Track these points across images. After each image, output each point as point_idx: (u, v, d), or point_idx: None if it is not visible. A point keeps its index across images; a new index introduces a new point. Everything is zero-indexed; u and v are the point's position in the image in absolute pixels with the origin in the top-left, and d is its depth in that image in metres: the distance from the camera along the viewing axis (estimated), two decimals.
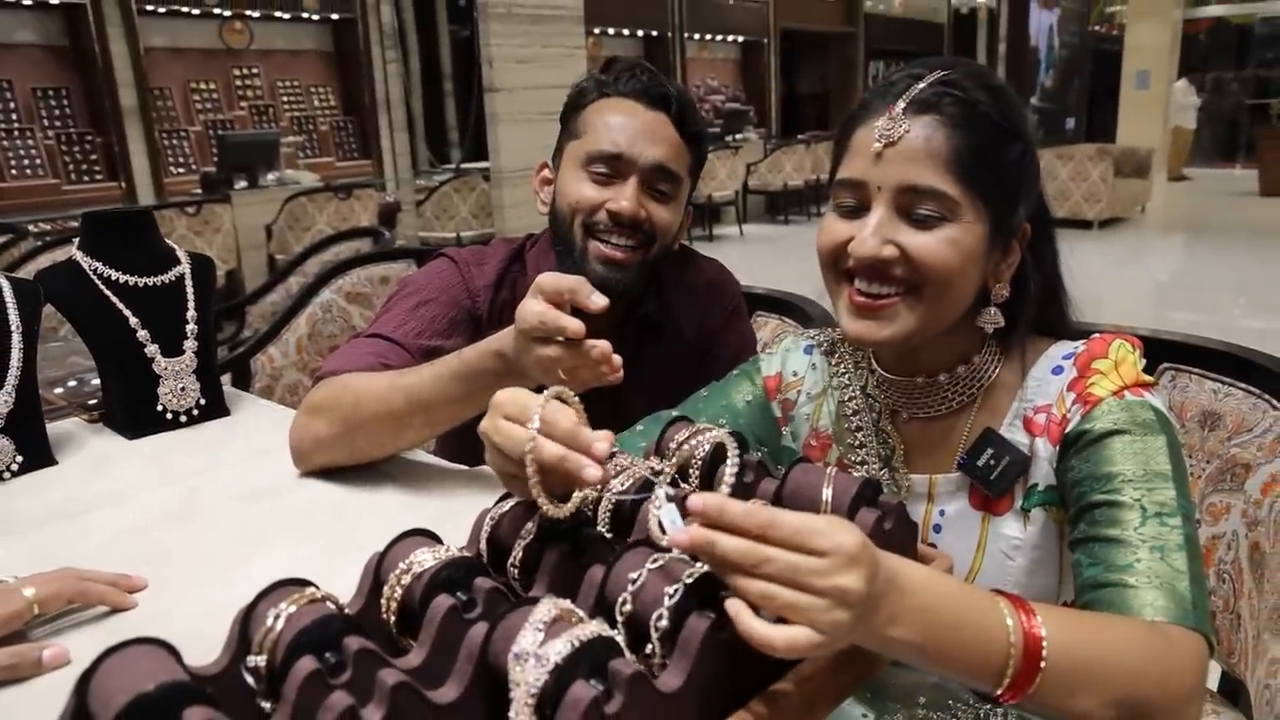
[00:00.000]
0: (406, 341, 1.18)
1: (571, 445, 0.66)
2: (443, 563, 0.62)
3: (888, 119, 0.85)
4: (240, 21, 7.32)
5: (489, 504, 1.05)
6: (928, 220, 0.84)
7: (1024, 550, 0.88)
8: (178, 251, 1.41)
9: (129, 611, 0.85)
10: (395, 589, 0.63)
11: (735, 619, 0.55)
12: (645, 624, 0.58)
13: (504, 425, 0.69)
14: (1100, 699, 0.65)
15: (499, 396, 0.71)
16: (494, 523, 0.71)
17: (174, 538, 1.01)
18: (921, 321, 0.86)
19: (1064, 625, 0.65)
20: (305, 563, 0.93)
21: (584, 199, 1.22)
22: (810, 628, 0.55)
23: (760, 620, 0.55)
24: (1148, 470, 0.79)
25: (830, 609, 0.55)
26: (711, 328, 1.38)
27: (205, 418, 1.37)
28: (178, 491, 1.14)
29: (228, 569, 0.94)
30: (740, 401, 1.05)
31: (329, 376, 1.13)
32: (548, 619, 0.54)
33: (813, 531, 0.56)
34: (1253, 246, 8.02)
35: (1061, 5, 9.34)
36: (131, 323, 1.32)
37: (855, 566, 0.55)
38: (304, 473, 1.15)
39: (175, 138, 6.97)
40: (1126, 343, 0.87)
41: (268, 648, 0.56)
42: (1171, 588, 0.73)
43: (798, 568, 0.55)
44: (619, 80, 1.24)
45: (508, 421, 0.69)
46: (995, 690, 0.64)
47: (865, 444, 0.98)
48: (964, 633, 0.62)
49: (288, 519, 1.05)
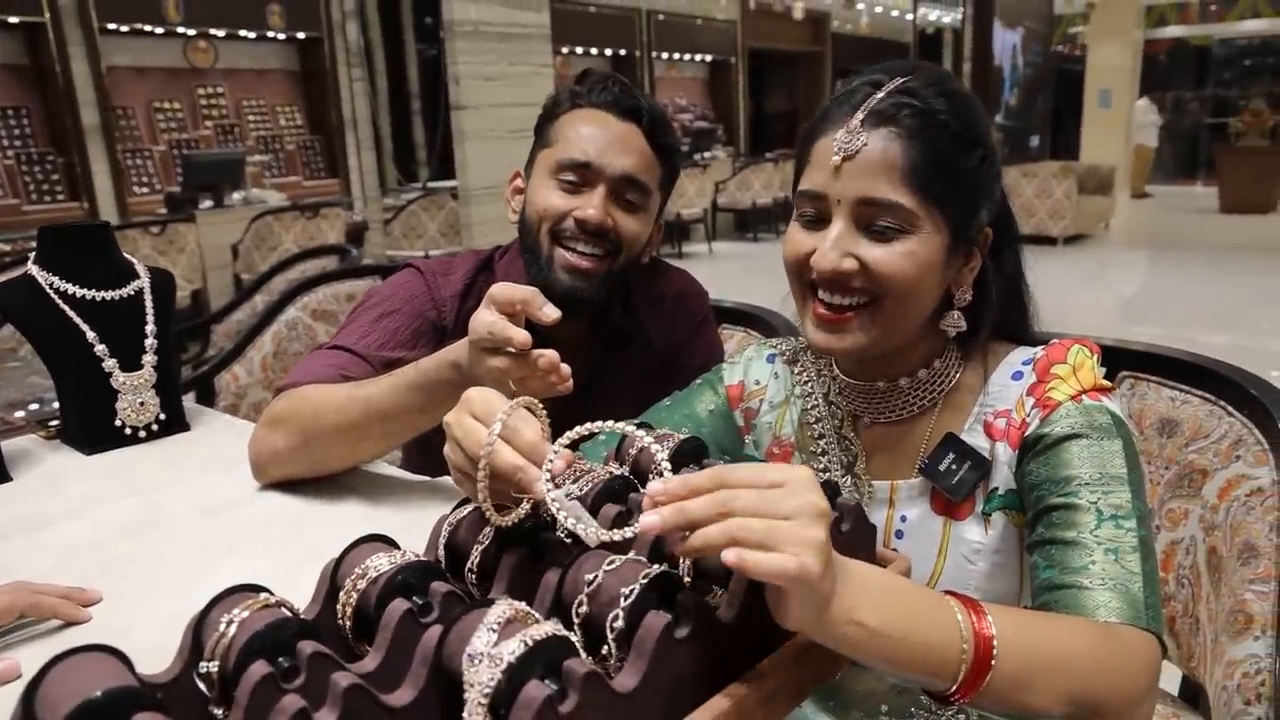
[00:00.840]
0: (368, 353, 1.18)
1: (530, 458, 0.66)
2: (398, 567, 0.62)
3: (846, 132, 0.85)
4: (205, 41, 7.29)
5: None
6: (886, 232, 0.84)
7: (985, 554, 0.89)
8: (137, 265, 1.39)
9: (83, 625, 0.84)
10: (351, 594, 0.62)
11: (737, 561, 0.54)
12: (602, 625, 0.58)
13: (468, 422, 0.70)
14: (1052, 695, 0.66)
15: (470, 392, 0.72)
16: (452, 528, 0.71)
17: (131, 551, 1.00)
18: (883, 332, 0.87)
19: (1015, 624, 0.66)
20: (265, 573, 0.91)
21: (551, 206, 1.23)
22: (792, 554, 0.55)
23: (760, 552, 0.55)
24: (1104, 473, 0.80)
25: (805, 525, 0.56)
26: (680, 338, 1.39)
27: (165, 433, 1.36)
28: (135, 505, 1.12)
29: (186, 581, 0.93)
30: (703, 410, 1.05)
31: (289, 389, 1.12)
32: (502, 620, 0.54)
33: (768, 469, 0.58)
34: (1214, 263, 8.19)
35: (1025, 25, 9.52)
36: (89, 337, 1.31)
37: (814, 488, 0.57)
38: (264, 486, 1.14)
39: (139, 157, 6.90)
40: (1085, 348, 0.89)
41: (220, 653, 0.55)
42: (1125, 589, 0.74)
43: (764, 497, 0.56)
44: (592, 91, 1.25)
45: (472, 419, 0.70)
46: (947, 688, 0.64)
47: (828, 451, 0.99)
48: (918, 631, 0.63)
49: (248, 531, 1.04)
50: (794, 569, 0.54)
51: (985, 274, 0.92)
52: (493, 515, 0.66)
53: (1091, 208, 9.32)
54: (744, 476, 0.57)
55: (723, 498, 0.56)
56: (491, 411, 0.68)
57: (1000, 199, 0.92)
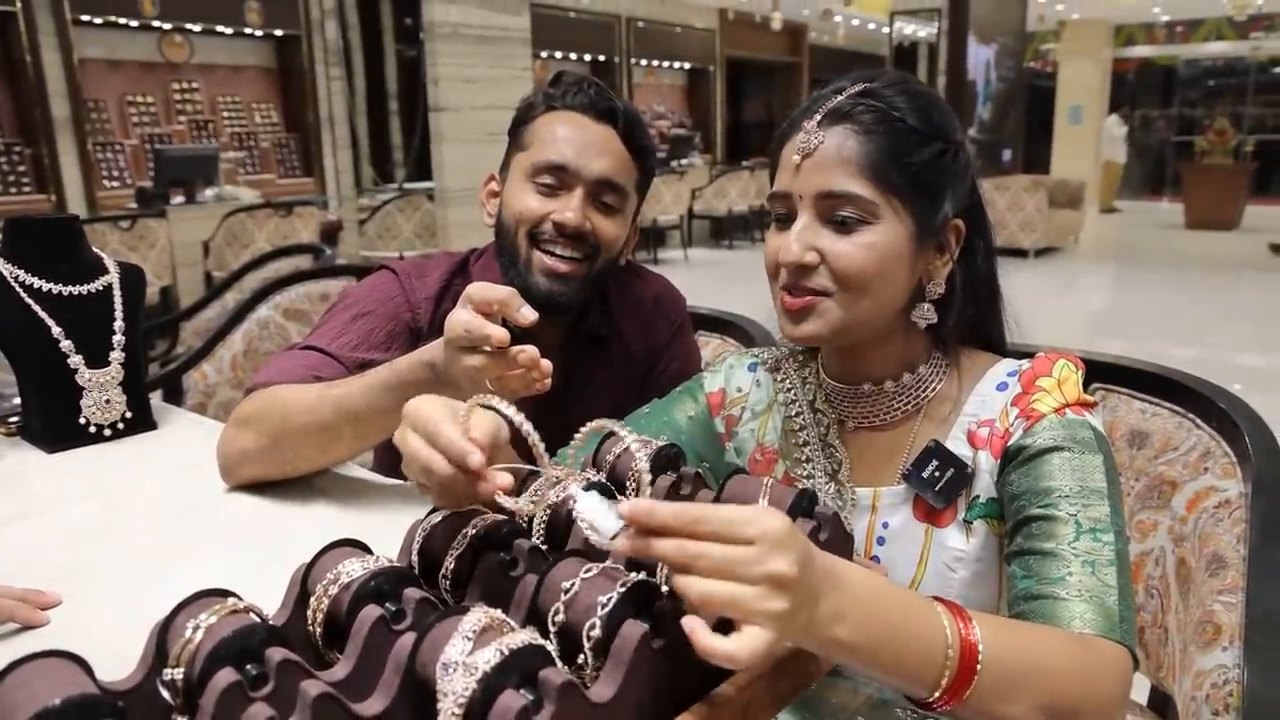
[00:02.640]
0: (341, 354, 1.16)
1: (448, 454, 0.66)
2: (371, 572, 0.61)
3: (804, 133, 0.89)
4: (180, 35, 7.19)
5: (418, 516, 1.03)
6: (846, 223, 0.86)
7: (966, 562, 0.89)
8: (106, 260, 1.37)
9: (41, 629, 0.82)
10: (322, 600, 0.61)
11: (692, 636, 0.54)
12: (578, 634, 0.57)
13: (410, 439, 0.70)
14: (1030, 705, 0.66)
15: (409, 406, 0.71)
16: (426, 533, 0.70)
17: (93, 553, 0.97)
18: (848, 317, 0.88)
19: (997, 632, 0.66)
20: (232, 577, 0.89)
21: (529, 210, 1.21)
22: (757, 624, 0.54)
23: (717, 636, 0.54)
24: (1084, 487, 0.81)
25: (768, 596, 0.55)
26: (658, 343, 1.38)
27: (130, 431, 1.33)
28: (99, 506, 1.09)
29: (149, 584, 0.90)
30: (682, 418, 1.05)
31: (258, 388, 1.11)
32: (477, 628, 0.53)
33: (740, 522, 0.56)
34: (1180, 277, 8.34)
35: (999, 41, 9.64)
36: (54, 332, 1.28)
37: (784, 549, 0.56)
38: (232, 487, 1.12)
39: (109, 150, 6.79)
40: (1070, 363, 0.90)
41: (185, 660, 0.54)
42: (1101, 602, 0.75)
43: (730, 559, 0.55)
44: (566, 94, 1.24)
45: (413, 433, 0.70)
46: (930, 695, 0.64)
47: (812, 458, 0.99)
48: (903, 636, 0.63)
49: (214, 533, 1.02)
50: (745, 656, 0.54)
51: (955, 267, 0.92)
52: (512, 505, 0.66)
53: (1062, 221, 9.45)
54: (713, 529, 0.56)
55: (692, 552, 0.55)
56: (428, 422, 0.69)
57: (971, 193, 0.93)
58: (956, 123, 0.92)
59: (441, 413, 0.67)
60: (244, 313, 2.63)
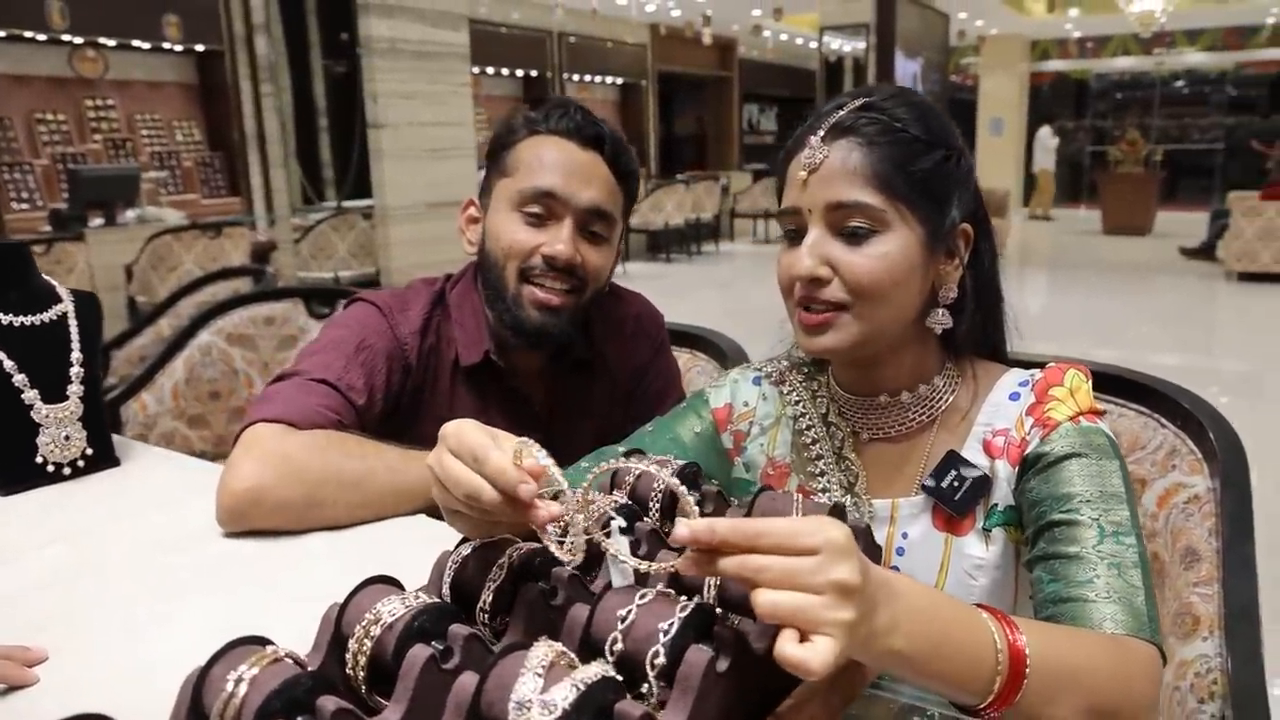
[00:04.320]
0: (352, 395, 1.13)
1: (497, 482, 0.63)
2: (415, 610, 0.58)
3: (809, 148, 0.89)
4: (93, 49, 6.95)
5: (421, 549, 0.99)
6: (858, 234, 0.87)
7: (986, 570, 0.90)
8: (59, 289, 1.29)
9: (30, 687, 0.75)
10: (364, 641, 0.58)
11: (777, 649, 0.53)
12: (639, 662, 0.56)
13: (452, 465, 0.67)
14: (1073, 707, 0.67)
15: (448, 430, 0.69)
16: (458, 565, 0.67)
17: (71, 601, 0.91)
18: (867, 328, 0.89)
19: (1040, 636, 0.67)
20: (226, 621, 0.86)
21: (518, 243, 1.18)
22: (825, 633, 0.54)
23: (797, 644, 0.53)
24: (1104, 491, 0.83)
25: (835, 605, 0.54)
26: (640, 362, 1.37)
27: (92, 469, 1.25)
28: (69, 550, 1.02)
29: (139, 632, 0.85)
30: (688, 434, 1.04)
31: (277, 423, 1.05)
32: (545, 663, 0.51)
33: (801, 533, 0.55)
34: (1100, 280, 8.68)
35: (924, 55, 9.92)
36: (6, 366, 1.20)
37: (847, 558, 0.56)
38: (229, 532, 1.05)
39: (17, 171, 6.52)
40: (1080, 372, 0.92)
41: (230, 716, 0.50)
42: (1129, 602, 0.76)
43: (794, 569, 0.54)
44: (549, 118, 1.21)
45: (452, 457, 0.67)
46: (981, 702, 0.64)
47: (826, 471, 0.99)
48: (956, 644, 0.63)
49: (199, 575, 0.96)
50: (819, 665, 0.53)
51: (965, 272, 0.94)
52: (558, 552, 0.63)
53: None
54: (775, 541, 0.55)
55: (755, 566, 0.55)
56: (463, 445, 0.66)
57: (975, 198, 0.94)
58: (956, 130, 0.93)
59: (486, 439, 0.65)
60: (184, 339, 2.54)
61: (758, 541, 0.55)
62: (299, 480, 1.01)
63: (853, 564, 0.55)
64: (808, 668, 0.52)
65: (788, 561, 0.55)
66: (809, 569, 0.54)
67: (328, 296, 2.68)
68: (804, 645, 0.53)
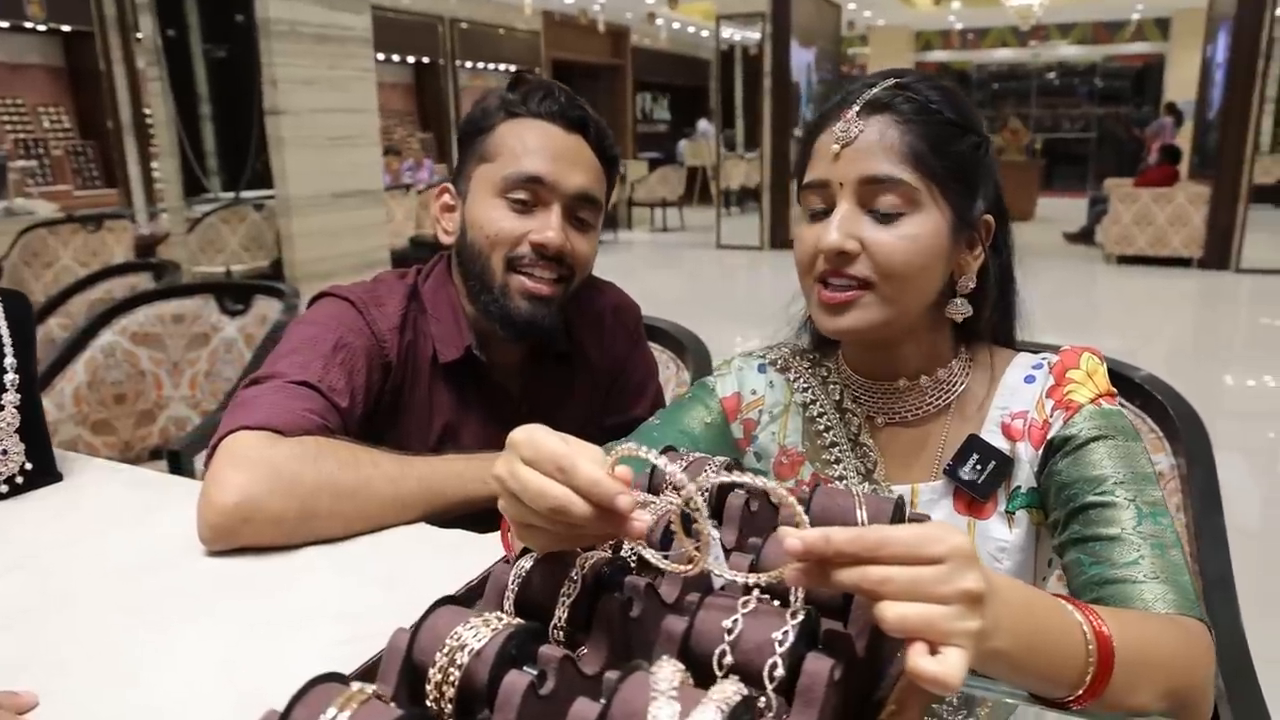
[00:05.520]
0: (335, 398, 1.05)
1: (590, 494, 0.58)
2: (504, 634, 0.53)
3: (844, 122, 0.88)
4: None
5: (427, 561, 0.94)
6: (889, 215, 0.86)
7: (1010, 552, 0.90)
8: None
9: None
10: (449, 671, 0.53)
11: (910, 657, 0.51)
12: (752, 674, 0.53)
13: (529, 475, 0.60)
14: (1154, 692, 0.67)
15: (518, 437, 0.62)
16: (521, 580, 0.63)
17: (46, 635, 0.81)
18: (890, 311, 0.88)
19: (1118, 623, 0.67)
20: (230, 649, 0.78)
21: (504, 231, 1.13)
22: (955, 644, 0.52)
23: (928, 657, 0.51)
24: (1135, 472, 0.84)
25: (963, 615, 0.52)
26: (618, 354, 1.33)
27: (33, 485, 1.13)
28: (29, 578, 0.92)
29: (134, 665, 0.76)
30: (697, 425, 1.01)
31: (261, 430, 0.97)
32: (675, 684, 0.48)
33: (927, 540, 0.53)
34: None
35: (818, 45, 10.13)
36: None
37: (973, 566, 0.54)
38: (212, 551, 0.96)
39: None
40: (1094, 355, 0.93)
41: None
42: (1176, 581, 0.77)
43: (919, 579, 0.52)
44: (530, 100, 1.16)
45: (526, 467, 0.61)
46: (1072, 694, 0.64)
47: (841, 458, 0.98)
48: (1051, 638, 0.62)
49: (187, 597, 0.88)
50: (956, 679, 0.51)
51: (987, 262, 0.94)
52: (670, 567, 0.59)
53: None
54: (898, 551, 0.53)
55: (877, 577, 0.52)
56: (543, 454, 0.60)
57: (997, 189, 0.94)
58: (981, 119, 0.93)
59: (567, 447, 0.59)
60: (85, 339, 2.38)
61: (879, 552, 0.53)
62: (291, 493, 0.94)
63: (978, 572, 0.54)
64: (946, 682, 0.50)
65: (913, 572, 0.52)
66: (936, 579, 0.52)
67: (241, 293, 2.54)
68: (936, 659, 0.51)
